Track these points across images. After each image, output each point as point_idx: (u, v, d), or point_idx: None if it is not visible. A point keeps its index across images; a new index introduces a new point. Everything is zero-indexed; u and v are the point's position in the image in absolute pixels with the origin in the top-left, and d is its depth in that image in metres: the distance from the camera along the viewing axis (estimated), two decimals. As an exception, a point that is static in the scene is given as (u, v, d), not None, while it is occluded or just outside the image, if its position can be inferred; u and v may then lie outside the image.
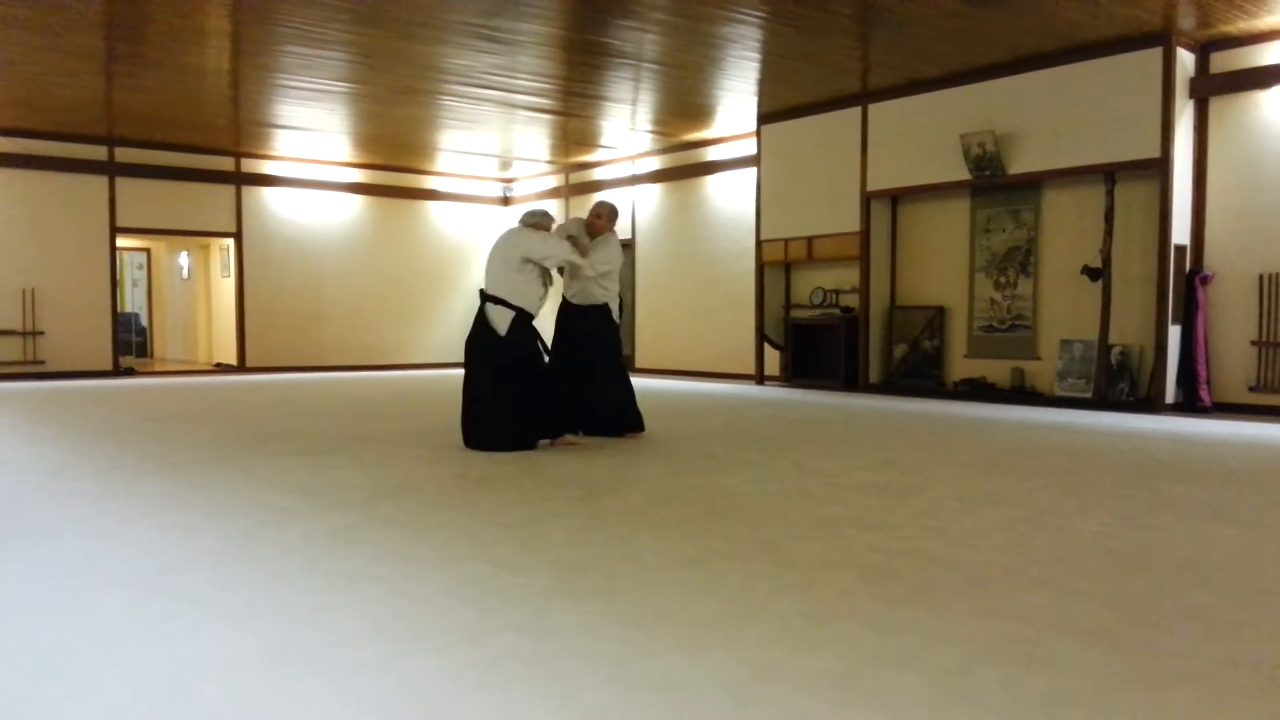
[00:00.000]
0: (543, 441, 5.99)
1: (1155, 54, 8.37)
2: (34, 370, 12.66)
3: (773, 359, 11.96)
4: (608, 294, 6.47)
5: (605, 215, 6.49)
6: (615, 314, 6.58)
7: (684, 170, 13.49)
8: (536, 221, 6.15)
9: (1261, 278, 8.25)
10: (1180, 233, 8.50)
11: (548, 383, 5.99)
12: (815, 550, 3.35)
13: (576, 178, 15.40)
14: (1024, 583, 2.94)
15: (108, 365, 13.26)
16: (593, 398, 6.38)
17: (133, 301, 18.09)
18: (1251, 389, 8.31)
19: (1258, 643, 2.42)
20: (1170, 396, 8.49)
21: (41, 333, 12.77)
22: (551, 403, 5.98)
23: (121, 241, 14.38)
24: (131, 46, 8.90)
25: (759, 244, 11.83)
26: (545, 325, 6.23)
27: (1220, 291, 8.49)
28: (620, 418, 6.51)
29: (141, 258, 17.81)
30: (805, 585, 2.91)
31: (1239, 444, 6.40)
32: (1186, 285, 8.52)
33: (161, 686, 2.11)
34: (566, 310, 6.54)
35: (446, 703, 2.02)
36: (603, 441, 6.25)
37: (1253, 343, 8.31)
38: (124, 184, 13.29)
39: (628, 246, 14.45)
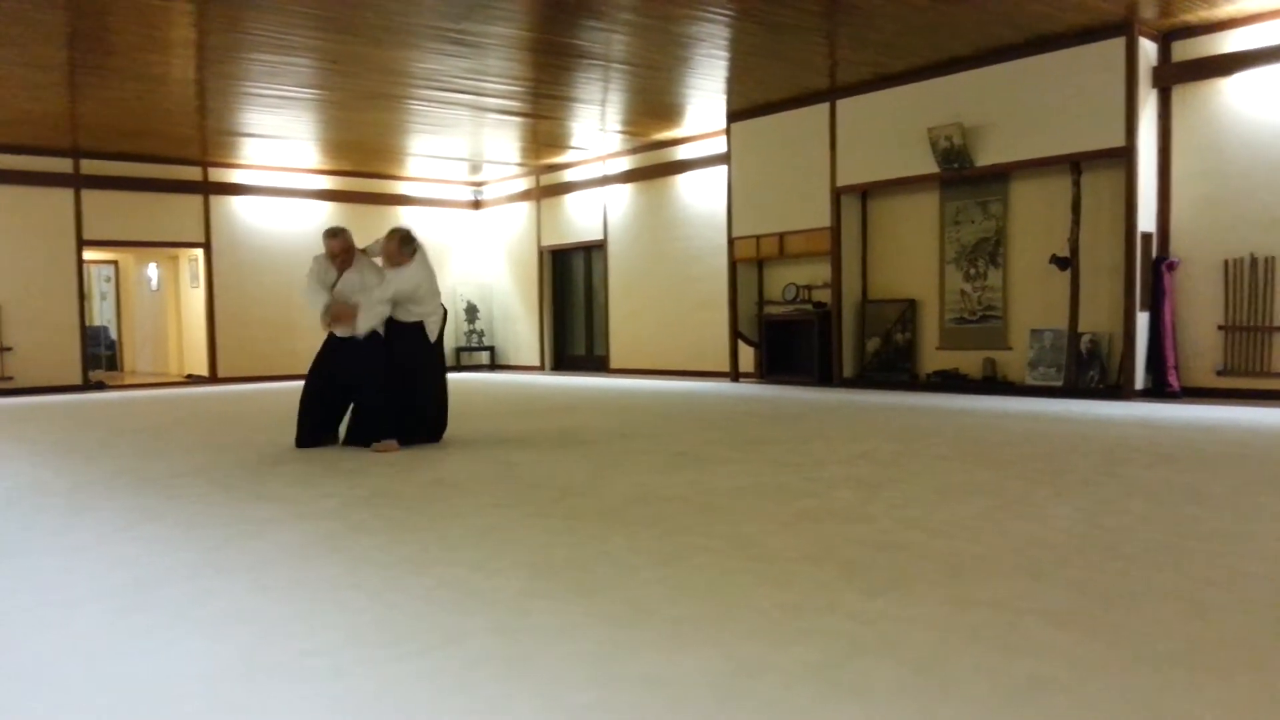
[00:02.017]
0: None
1: (1118, 44, 8.46)
2: (3, 386, 12.50)
3: (747, 356, 12.00)
4: (418, 315, 6.37)
5: (393, 245, 6.34)
6: (433, 332, 6.41)
7: (655, 170, 13.51)
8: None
9: (1226, 263, 8.35)
10: (1146, 220, 8.60)
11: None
12: (793, 544, 3.36)
13: (547, 179, 15.39)
14: (1000, 570, 2.97)
15: (77, 380, 13.12)
16: (409, 409, 6.32)
17: (101, 314, 17.91)
18: (1219, 373, 8.42)
19: (1231, 624, 2.45)
20: (1140, 383, 8.59)
21: (9, 348, 12.61)
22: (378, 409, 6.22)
23: (89, 254, 14.23)
24: (95, 57, 8.81)
25: (731, 241, 11.86)
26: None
27: (1186, 278, 8.60)
28: (430, 426, 6.47)
29: (109, 270, 17.63)
30: (784, 579, 2.92)
31: (1208, 428, 6.48)
32: (1153, 272, 8.62)
33: (140, 700, 2.09)
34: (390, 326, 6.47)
35: (427, 706, 2.01)
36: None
37: (1219, 327, 8.41)
38: (90, 196, 13.16)
39: (600, 247, 14.48)
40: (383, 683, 2.14)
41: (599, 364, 14.83)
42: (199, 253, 14.33)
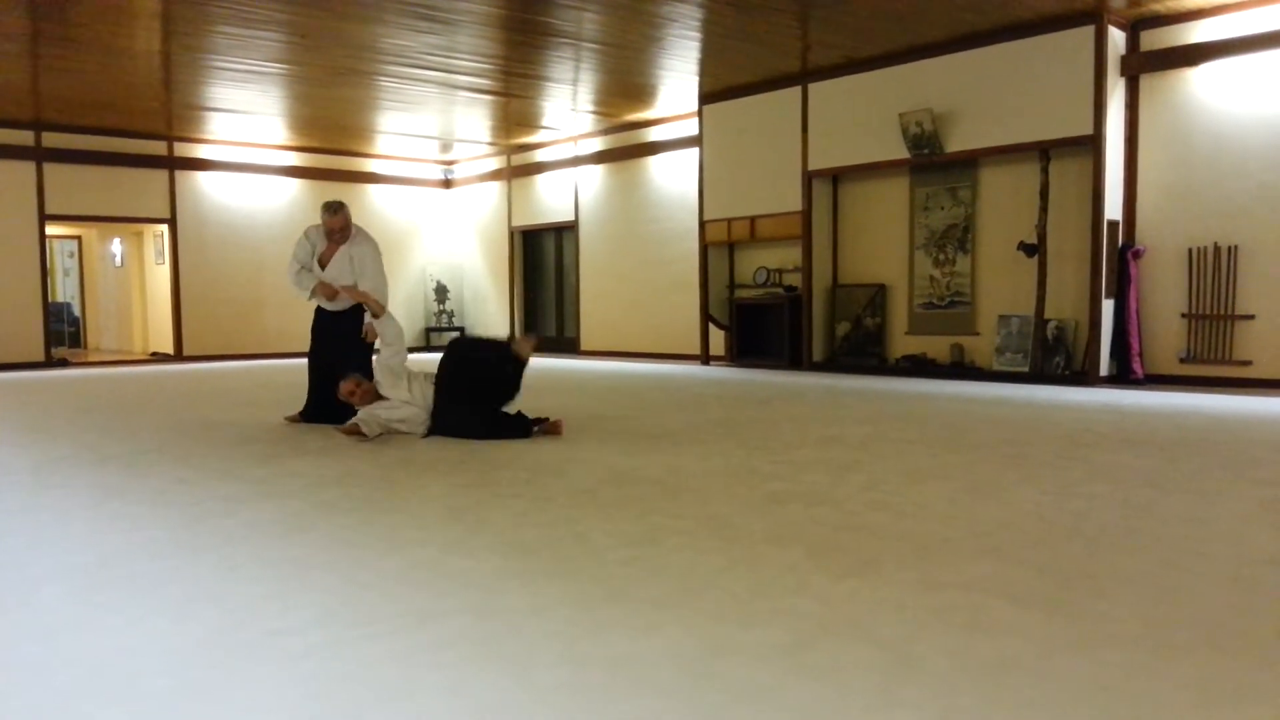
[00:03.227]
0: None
1: (1087, 32, 8.52)
2: (-38, 362, 12.31)
3: (718, 339, 12.02)
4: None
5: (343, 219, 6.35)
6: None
7: (626, 151, 13.47)
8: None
9: (1190, 251, 8.46)
10: (1113, 208, 8.69)
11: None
12: (762, 526, 3.38)
13: (518, 159, 15.30)
14: (967, 553, 3.01)
15: (40, 356, 12.93)
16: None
17: (64, 291, 17.65)
18: (1182, 360, 8.54)
19: (1191, 605, 2.50)
20: (1104, 369, 8.69)
21: (-31, 324, 12.41)
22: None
23: (51, 229, 14.01)
24: (58, 27, 8.64)
25: (702, 224, 11.86)
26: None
27: (1151, 265, 8.70)
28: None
29: (73, 245, 17.36)
30: (753, 561, 2.94)
31: (1171, 414, 6.57)
32: (1119, 260, 8.71)
33: (106, 678, 2.07)
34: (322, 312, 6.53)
35: (397, 686, 2.01)
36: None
37: (1182, 315, 8.52)
38: (52, 170, 12.94)
39: (572, 228, 14.44)
40: (354, 662, 2.14)
41: (570, 345, 14.80)
42: (164, 229, 14.14)
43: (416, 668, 2.11)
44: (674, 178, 12.86)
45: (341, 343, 6.35)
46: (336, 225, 6.32)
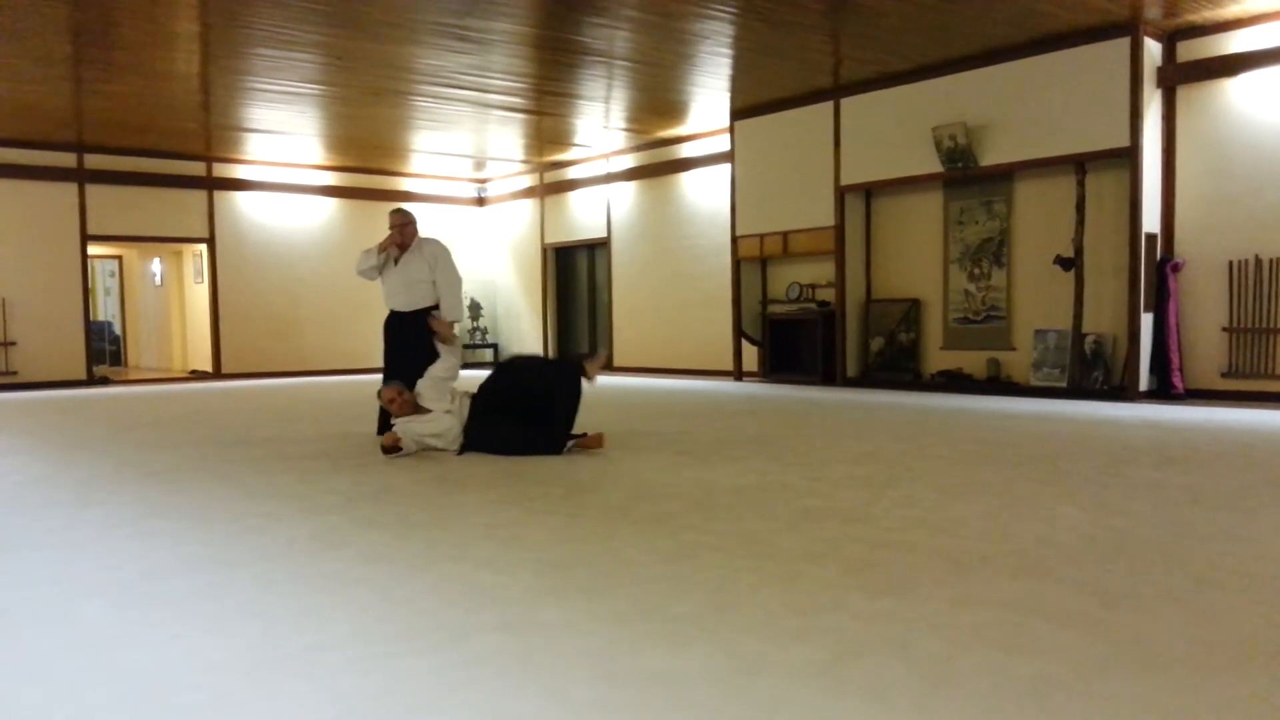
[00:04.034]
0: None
1: (1123, 44, 8.45)
2: (7, 381, 12.52)
3: (750, 355, 11.99)
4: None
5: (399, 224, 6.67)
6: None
7: (658, 167, 13.51)
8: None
9: (1231, 264, 8.34)
10: (1151, 221, 8.59)
11: None
12: (797, 543, 3.37)
13: (551, 177, 15.38)
14: (1005, 570, 2.97)
15: (82, 375, 13.14)
16: None
17: (106, 310, 17.93)
18: (1223, 375, 8.41)
19: (1234, 625, 2.45)
20: (1144, 384, 8.58)
21: (13, 343, 12.63)
22: None
23: (93, 249, 14.24)
24: (100, 51, 8.81)
25: (734, 240, 11.86)
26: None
27: (1191, 279, 8.58)
28: None
29: (113, 265, 17.64)
30: (788, 577, 2.93)
31: (1213, 429, 6.47)
32: (1158, 273, 8.61)
33: (145, 693, 2.09)
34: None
35: (433, 702, 2.02)
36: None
37: (1224, 329, 8.40)
38: (94, 191, 13.17)
39: (604, 244, 14.49)
40: (390, 678, 2.15)
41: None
42: (203, 248, 14.34)
43: (452, 684, 2.11)
44: (706, 193, 12.87)
45: (414, 348, 6.39)
46: (396, 221, 6.67)
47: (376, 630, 2.48)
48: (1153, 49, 8.53)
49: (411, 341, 6.42)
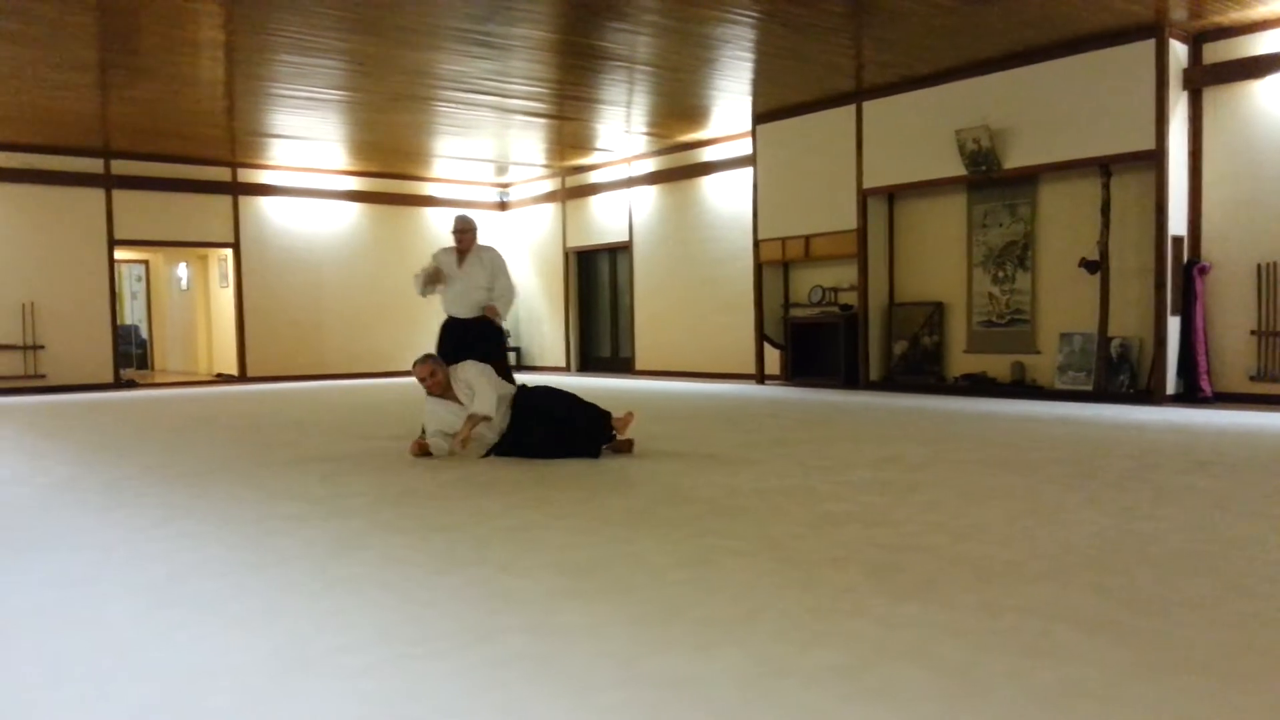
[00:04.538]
0: None
1: (1148, 46, 8.39)
2: (35, 384, 12.66)
3: (773, 358, 11.97)
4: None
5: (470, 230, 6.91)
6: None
7: (680, 171, 13.51)
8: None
9: (1259, 267, 8.26)
10: (1177, 224, 8.52)
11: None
12: (820, 547, 3.35)
13: (573, 181, 15.42)
14: (1029, 576, 2.95)
15: (109, 378, 13.27)
16: None
17: (132, 313, 18.09)
18: (1252, 378, 8.32)
19: (1262, 631, 2.43)
20: (1171, 388, 8.50)
21: (42, 347, 12.77)
22: None
23: (120, 254, 14.39)
24: (125, 58, 8.91)
25: (756, 244, 11.84)
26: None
27: (1218, 282, 8.50)
28: None
29: (140, 269, 17.81)
30: (810, 582, 2.92)
31: (1241, 434, 6.40)
32: (1184, 276, 8.53)
33: (171, 694, 2.11)
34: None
35: (456, 704, 2.03)
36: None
37: (1252, 332, 8.32)
38: (121, 196, 13.30)
39: (626, 248, 14.50)
40: (413, 680, 2.16)
41: (624, 365, 14.84)
42: (228, 253, 14.46)
43: (474, 686, 2.12)
44: (728, 197, 12.87)
45: (471, 352, 6.44)
46: (458, 228, 6.91)
47: (399, 632, 2.49)
48: (1178, 51, 8.46)
49: (469, 345, 6.49)
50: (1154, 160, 8.44)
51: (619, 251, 14.95)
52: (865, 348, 10.77)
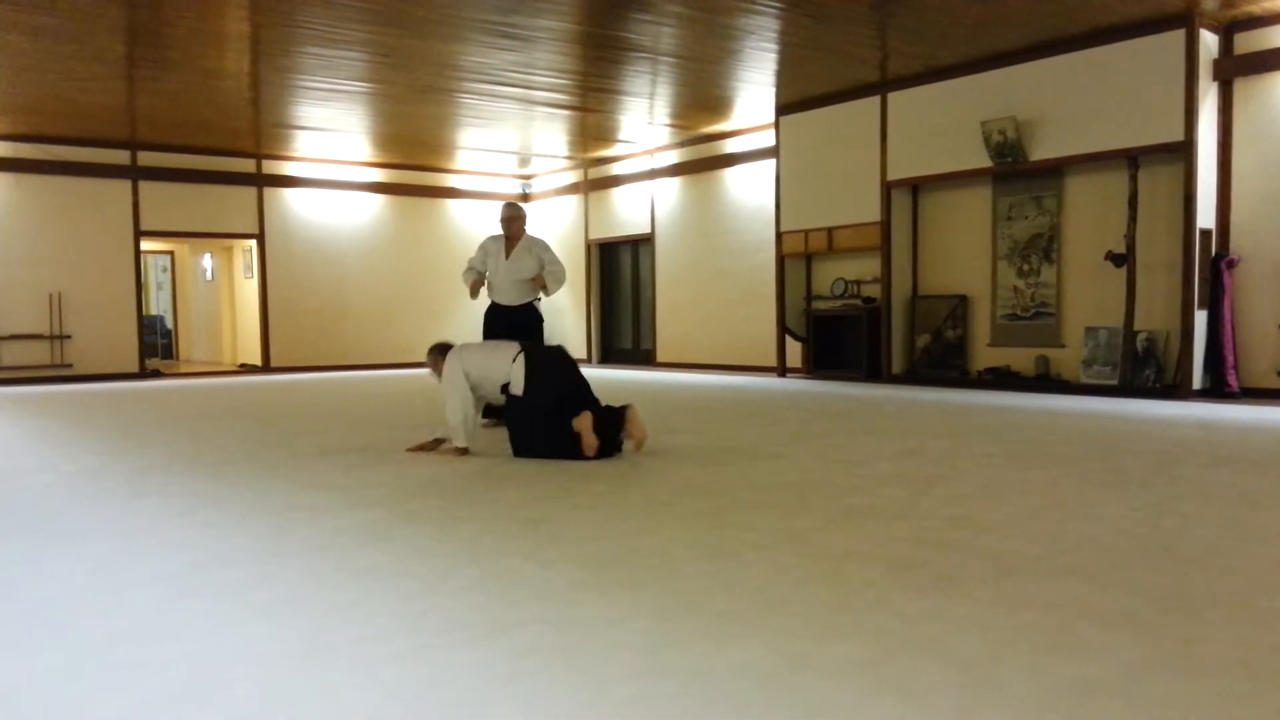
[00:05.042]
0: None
1: (1177, 36, 8.29)
2: (62, 374, 12.80)
3: (794, 351, 11.94)
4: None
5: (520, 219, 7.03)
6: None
7: (702, 163, 13.48)
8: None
9: (1289, 261, 8.16)
10: (1205, 217, 8.43)
11: None
12: (841, 541, 3.35)
13: (595, 173, 15.41)
14: (1051, 571, 2.94)
15: (134, 367, 13.39)
16: None
17: (157, 304, 18.25)
18: (1280, 373, 8.24)
19: (1288, 628, 2.41)
20: (1197, 382, 8.42)
21: (68, 336, 12.90)
22: None
23: (145, 245, 14.50)
24: (152, 50, 8.97)
25: (779, 236, 11.81)
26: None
27: (1247, 275, 8.41)
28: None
29: (165, 260, 17.96)
30: (831, 576, 2.91)
31: (1269, 429, 6.34)
32: (1212, 270, 8.44)
33: (196, 682, 2.14)
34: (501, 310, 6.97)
35: (477, 695, 2.04)
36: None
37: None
38: (147, 187, 13.41)
39: (648, 240, 14.49)
40: (435, 671, 2.17)
41: (645, 357, 14.84)
42: (253, 244, 14.55)
43: (495, 677, 2.13)
44: (750, 189, 12.83)
45: (518, 336, 6.49)
46: (506, 215, 7.00)
47: (421, 623, 2.50)
48: (1209, 41, 8.36)
49: (516, 333, 6.54)
50: (1183, 152, 8.35)
51: (641, 243, 14.94)
52: (888, 341, 10.72)
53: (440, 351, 5.79)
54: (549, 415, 5.30)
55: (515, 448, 5.50)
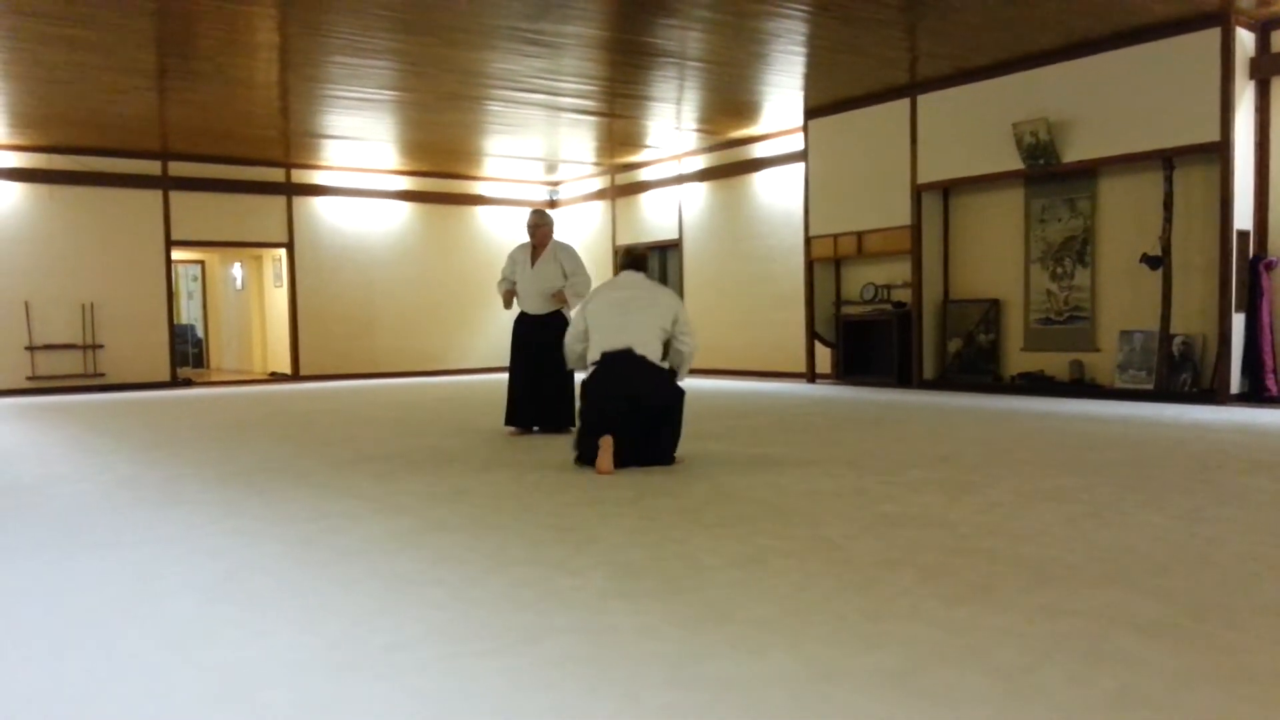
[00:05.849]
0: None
1: (1213, 34, 8.18)
2: (94, 383, 12.94)
3: (824, 356, 11.88)
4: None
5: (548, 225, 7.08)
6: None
7: (730, 168, 13.45)
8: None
9: (1328, 262, 8.03)
10: (1243, 218, 8.31)
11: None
12: (873, 548, 3.31)
13: (622, 179, 15.42)
14: (1088, 579, 2.89)
15: (166, 376, 13.52)
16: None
17: (188, 313, 18.43)
18: (1320, 376, 8.09)
19: (1335, 637, 2.35)
20: (1235, 386, 8.30)
21: (101, 346, 13.05)
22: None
23: (176, 254, 14.64)
24: (182, 61, 9.06)
25: (808, 240, 11.75)
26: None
27: (1285, 277, 8.28)
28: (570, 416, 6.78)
29: (196, 270, 18.13)
30: (864, 584, 2.88)
31: (1308, 433, 6.23)
32: (1250, 272, 8.32)
33: (228, 689, 2.14)
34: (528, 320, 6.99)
35: (507, 704, 2.02)
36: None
37: (1320, 329, 8.09)
38: (178, 197, 13.54)
39: (676, 246, 14.48)
40: (464, 679, 2.16)
41: (673, 363, 14.79)
42: (282, 253, 14.67)
43: (525, 686, 2.12)
44: (779, 194, 12.79)
45: (544, 348, 6.61)
46: (532, 223, 7.04)
47: (451, 631, 2.49)
48: (1245, 39, 8.25)
49: (544, 342, 6.58)
50: (1219, 152, 8.23)
51: (669, 249, 14.92)
52: (919, 346, 10.64)
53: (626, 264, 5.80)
54: (589, 422, 5.26)
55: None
